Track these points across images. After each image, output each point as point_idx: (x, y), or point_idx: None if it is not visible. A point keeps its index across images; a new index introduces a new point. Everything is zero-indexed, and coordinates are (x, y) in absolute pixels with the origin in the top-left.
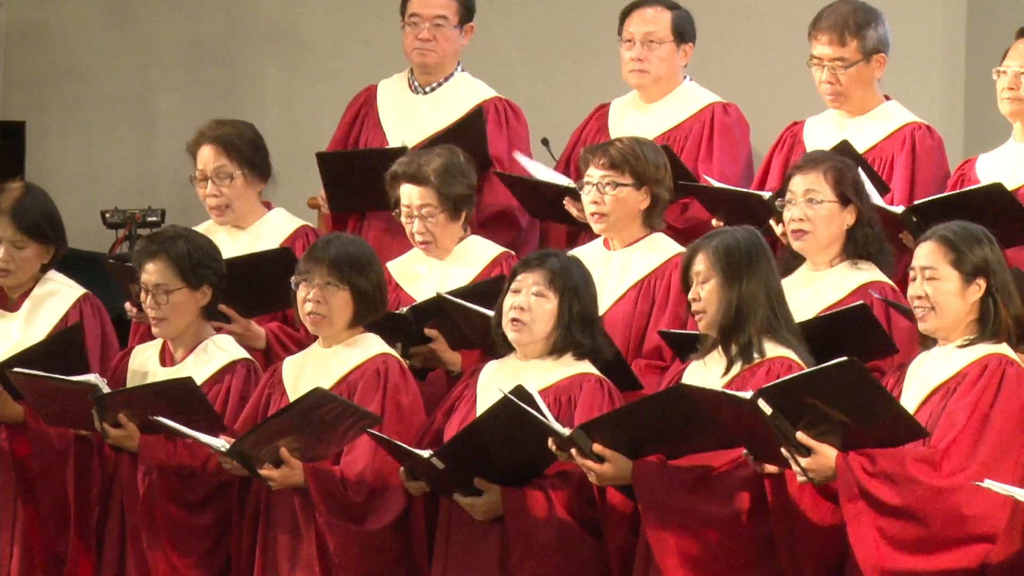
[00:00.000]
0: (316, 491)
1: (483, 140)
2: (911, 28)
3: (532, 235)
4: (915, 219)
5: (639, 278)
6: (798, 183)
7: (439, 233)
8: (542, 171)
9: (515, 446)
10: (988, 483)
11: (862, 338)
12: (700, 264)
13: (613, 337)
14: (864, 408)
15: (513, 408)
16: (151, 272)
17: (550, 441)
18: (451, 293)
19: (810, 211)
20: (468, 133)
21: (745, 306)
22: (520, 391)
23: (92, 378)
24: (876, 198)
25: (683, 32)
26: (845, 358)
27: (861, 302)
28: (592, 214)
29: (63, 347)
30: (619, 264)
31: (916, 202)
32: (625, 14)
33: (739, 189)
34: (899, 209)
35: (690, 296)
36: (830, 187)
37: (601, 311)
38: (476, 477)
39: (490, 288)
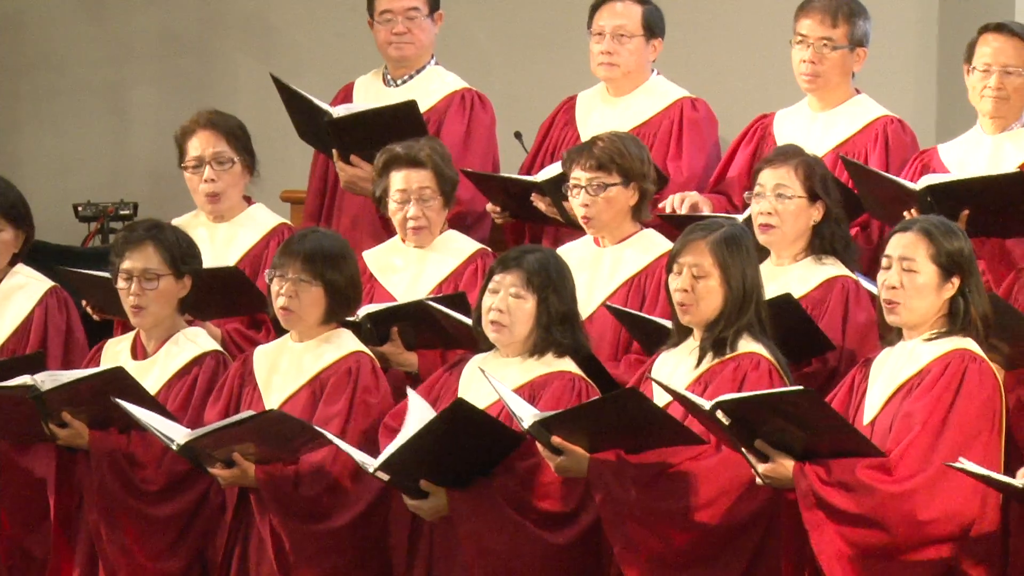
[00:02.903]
0: (268, 493)
1: (422, 132)
2: (884, 21)
3: (484, 221)
4: (929, 199)
5: (630, 275)
6: (767, 177)
7: (433, 218)
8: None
9: (463, 448)
10: (960, 464)
11: (796, 332)
12: (699, 258)
13: (604, 334)
14: (821, 429)
15: (464, 411)
16: (137, 259)
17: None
18: (426, 300)
19: (779, 205)
20: (402, 122)
21: (741, 303)
22: (463, 403)
23: (25, 379)
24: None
25: (653, 27)
26: (803, 388)
27: (787, 292)
28: (583, 217)
29: (23, 370)
30: (610, 261)
31: (934, 181)
32: (595, 7)
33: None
34: (918, 186)
35: (678, 286)
36: (800, 182)
37: (592, 308)
38: (421, 480)
39: (451, 302)
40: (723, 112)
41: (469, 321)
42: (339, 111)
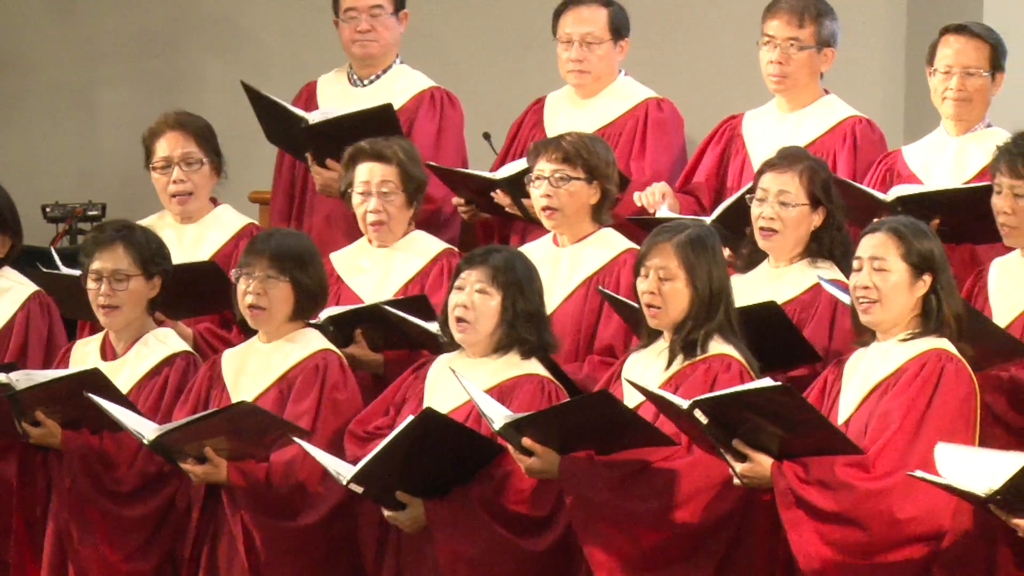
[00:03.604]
0: (240, 489)
1: (396, 133)
2: (852, 21)
3: (454, 221)
4: (900, 209)
5: (589, 274)
6: (771, 182)
7: (394, 214)
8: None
9: (436, 457)
10: (919, 473)
11: (780, 339)
12: (665, 260)
13: (563, 334)
14: (799, 426)
15: (433, 420)
16: (107, 259)
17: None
18: (383, 304)
19: (782, 212)
20: (378, 125)
21: (708, 304)
22: (431, 412)
23: (0, 377)
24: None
25: (620, 28)
26: (781, 384)
27: (771, 300)
28: (544, 208)
29: None
30: (568, 260)
31: (905, 192)
32: (559, 13)
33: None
34: (889, 197)
35: (645, 288)
36: (804, 190)
37: (551, 308)
38: (397, 491)
39: (412, 304)
40: (692, 113)
41: (426, 325)
42: (315, 117)
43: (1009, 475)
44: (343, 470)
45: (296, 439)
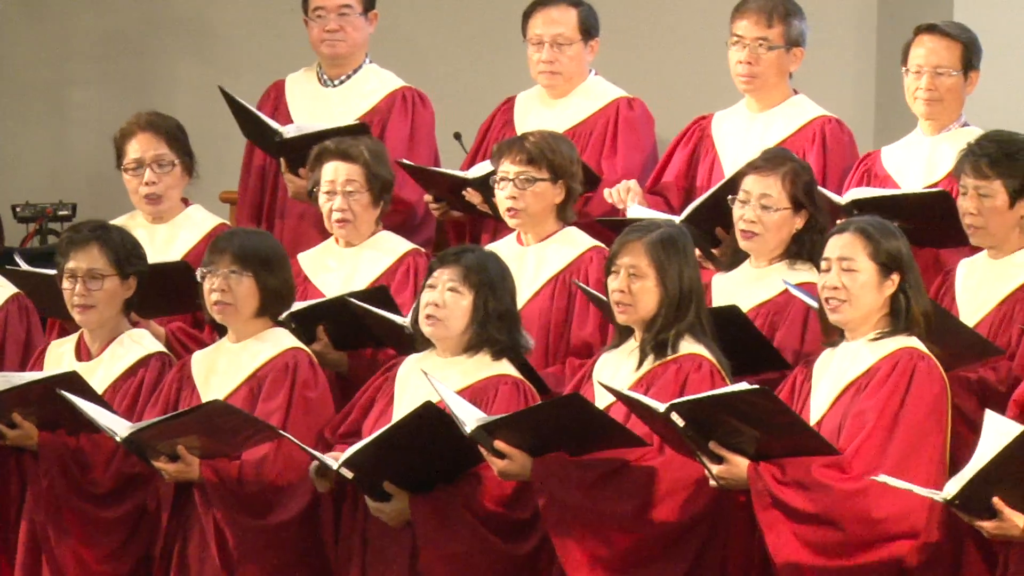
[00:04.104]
0: (212, 487)
1: None
2: (822, 21)
3: (428, 223)
4: (856, 212)
5: (554, 273)
6: (753, 184)
7: (359, 213)
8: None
9: (427, 452)
10: (883, 478)
11: (747, 342)
12: (635, 259)
13: (530, 333)
14: (775, 428)
15: (432, 414)
16: (82, 259)
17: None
18: (346, 296)
19: (763, 215)
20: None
21: (678, 303)
22: (430, 406)
23: None
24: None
25: (590, 28)
26: (759, 387)
27: (732, 304)
28: (508, 209)
29: None
30: (534, 259)
31: (860, 196)
32: (528, 14)
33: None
34: (843, 200)
35: (616, 287)
36: (786, 193)
37: (518, 307)
38: (386, 482)
39: (373, 296)
40: (662, 112)
41: (390, 316)
42: (290, 131)
43: (964, 481)
44: (329, 460)
45: (284, 433)
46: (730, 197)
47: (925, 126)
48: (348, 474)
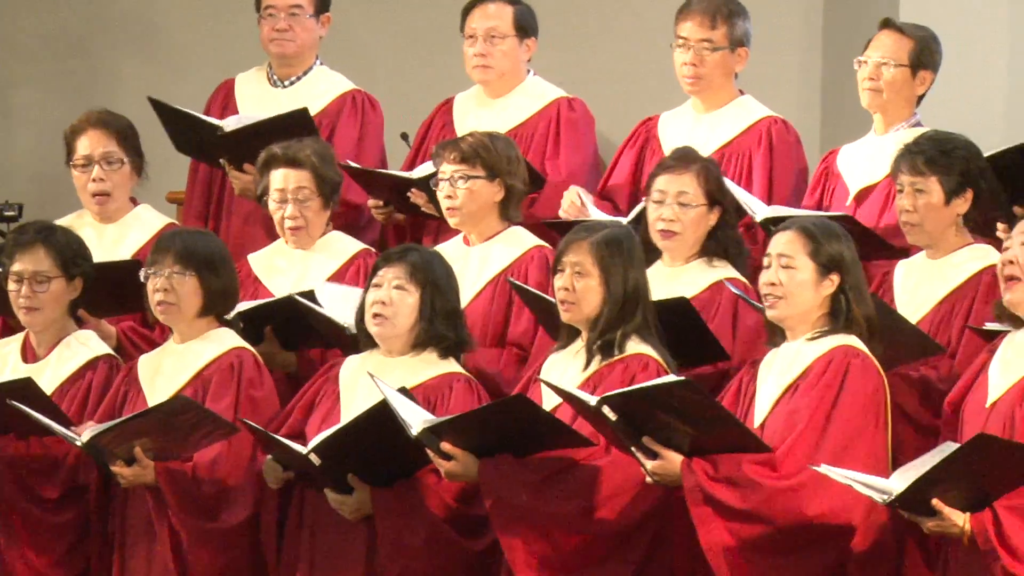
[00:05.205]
0: (168, 489)
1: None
2: (768, 21)
3: (375, 223)
4: (772, 228)
5: (497, 272)
6: (668, 183)
7: (311, 218)
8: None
9: (390, 446)
10: (824, 468)
11: (690, 336)
12: (580, 257)
13: (472, 332)
14: (706, 422)
15: (390, 409)
16: (28, 261)
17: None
18: (295, 296)
19: (681, 213)
20: (294, 129)
21: (624, 303)
22: (404, 392)
23: None
24: (741, 195)
25: (526, 27)
26: (683, 378)
27: (681, 296)
28: (447, 209)
29: None
30: (477, 259)
31: (773, 215)
32: (467, 10)
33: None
34: (758, 216)
35: (560, 284)
36: (701, 189)
37: (462, 305)
38: (350, 474)
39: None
40: (605, 113)
41: (336, 317)
42: (230, 124)
43: (906, 484)
44: (297, 445)
45: (245, 420)
46: (644, 199)
47: (877, 124)
48: (316, 461)
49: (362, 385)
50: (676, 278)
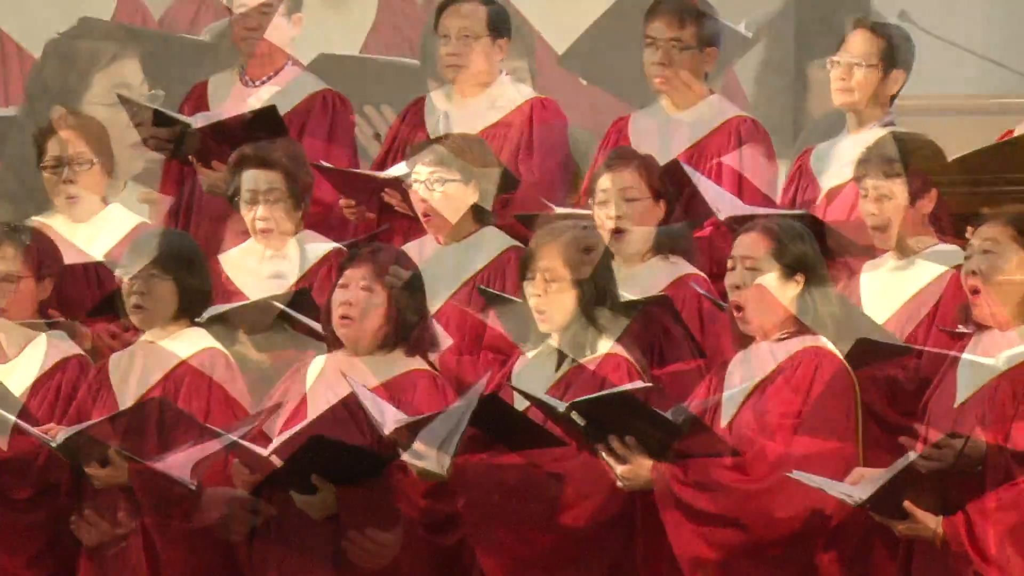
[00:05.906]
0: (141, 490)
1: (283, 135)
2: (738, 21)
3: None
4: (735, 227)
5: (473, 273)
6: (611, 182)
7: (283, 219)
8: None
9: (355, 446)
10: (797, 474)
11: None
12: (550, 262)
13: (448, 333)
14: (673, 426)
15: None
16: None
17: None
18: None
19: (629, 209)
20: (263, 126)
21: (596, 304)
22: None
23: None
24: (710, 192)
25: (499, 27)
26: (650, 384)
27: (663, 294)
28: (422, 212)
29: None
30: (452, 260)
31: (737, 214)
32: (440, 9)
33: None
34: (722, 215)
35: (533, 291)
36: (645, 183)
37: (435, 307)
38: (313, 475)
39: (295, 298)
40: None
41: (309, 322)
42: (199, 121)
43: (876, 486)
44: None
45: (216, 430)
46: (589, 201)
47: (850, 124)
48: (278, 462)
49: (328, 385)
50: (634, 279)
